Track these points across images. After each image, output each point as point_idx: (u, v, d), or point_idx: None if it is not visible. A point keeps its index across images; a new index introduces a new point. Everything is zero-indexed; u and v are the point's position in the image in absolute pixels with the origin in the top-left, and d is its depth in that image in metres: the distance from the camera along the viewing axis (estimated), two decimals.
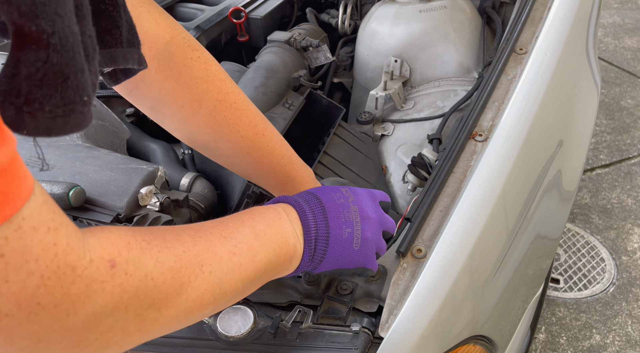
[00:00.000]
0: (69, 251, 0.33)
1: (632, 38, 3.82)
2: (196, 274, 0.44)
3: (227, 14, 1.55)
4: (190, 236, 0.46)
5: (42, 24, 0.30)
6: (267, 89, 1.21)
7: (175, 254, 0.43)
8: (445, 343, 0.73)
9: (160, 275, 0.40)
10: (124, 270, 0.37)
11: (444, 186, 0.85)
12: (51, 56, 0.31)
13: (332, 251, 0.61)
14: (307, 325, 0.70)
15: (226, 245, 0.49)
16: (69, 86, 0.33)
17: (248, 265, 0.51)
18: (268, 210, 0.59)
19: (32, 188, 0.32)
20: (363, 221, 0.64)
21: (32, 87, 0.31)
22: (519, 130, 0.93)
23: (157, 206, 0.83)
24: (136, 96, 0.65)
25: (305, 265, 0.61)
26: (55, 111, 0.33)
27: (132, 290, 0.38)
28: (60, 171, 0.83)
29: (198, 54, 0.65)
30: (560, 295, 2.00)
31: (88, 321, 0.35)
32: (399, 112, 1.44)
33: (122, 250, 0.38)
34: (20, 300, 0.31)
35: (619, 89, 3.23)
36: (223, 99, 0.66)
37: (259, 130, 0.69)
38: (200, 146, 0.70)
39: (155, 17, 0.61)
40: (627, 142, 2.78)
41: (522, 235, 0.86)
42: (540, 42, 1.10)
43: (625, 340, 1.84)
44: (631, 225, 2.28)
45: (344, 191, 0.66)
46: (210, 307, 0.47)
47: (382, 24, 1.53)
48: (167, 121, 0.68)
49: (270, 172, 0.72)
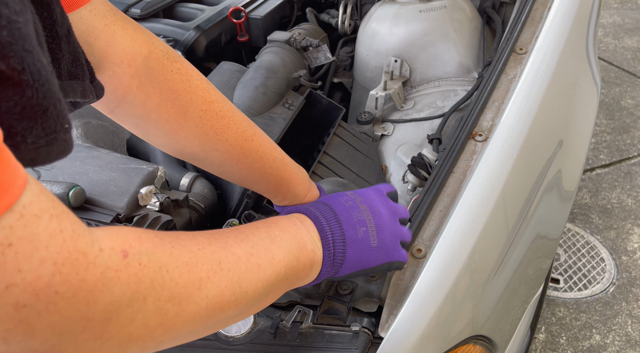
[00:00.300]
0: (76, 237, 0.33)
1: (632, 38, 3.82)
2: (215, 271, 0.44)
3: (227, 14, 1.55)
4: (205, 237, 0.46)
5: (11, 62, 0.30)
6: (267, 89, 1.21)
7: (190, 250, 0.42)
8: (445, 343, 0.73)
9: (175, 269, 0.40)
10: (137, 260, 0.37)
11: (444, 186, 0.85)
12: (26, 91, 0.31)
13: (351, 251, 0.61)
14: (307, 325, 0.70)
15: (243, 246, 0.49)
16: (48, 116, 0.33)
17: (267, 267, 0.50)
18: (282, 219, 0.59)
19: (26, 178, 0.31)
20: (375, 217, 0.64)
21: (12, 120, 0.31)
22: (519, 130, 0.93)
23: (157, 206, 0.83)
24: (119, 115, 0.64)
25: (326, 270, 0.61)
26: (38, 142, 0.33)
27: (147, 281, 0.37)
28: (60, 171, 0.83)
29: (178, 65, 0.64)
30: (560, 295, 2.00)
31: (108, 310, 0.34)
32: (399, 112, 1.44)
33: (133, 242, 0.37)
34: (37, 289, 0.30)
35: (619, 89, 3.23)
36: (208, 108, 0.65)
37: (247, 136, 0.69)
38: (190, 157, 0.69)
39: (131, 34, 0.60)
40: (627, 142, 2.78)
41: (522, 235, 0.86)
42: (540, 42, 1.10)
43: (625, 340, 1.84)
44: (631, 224, 2.28)
45: (350, 195, 0.67)
46: (232, 308, 0.46)
47: (382, 24, 1.53)
48: (153, 137, 0.67)
49: (263, 176, 0.72)
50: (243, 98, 1.19)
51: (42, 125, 0.33)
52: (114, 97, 0.60)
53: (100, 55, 0.57)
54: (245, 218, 0.90)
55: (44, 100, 0.32)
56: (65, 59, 0.47)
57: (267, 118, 1.17)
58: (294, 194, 0.75)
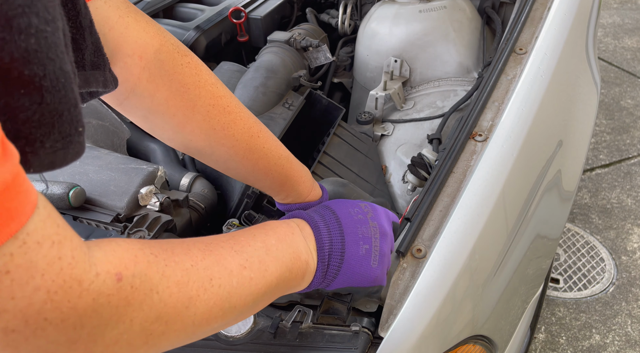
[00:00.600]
0: (75, 264, 0.33)
1: (631, 38, 3.82)
2: (205, 288, 0.44)
3: (227, 14, 1.55)
4: (200, 250, 0.46)
5: (34, 68, 0.31)
6: (267, 89, 1.21)
7: (182, 268, 0.43)
8: (445, 343, 0.73)
9: (166, 289, 0.40)
10: (129, 283, 0.37)
11: (444, 186, 0.85)
12: (45, 96, 0.32)
13: (348, 267, 0.61)
14: (307, 325, 0.70)
15: (237, 258, 0.49)
16: (64, 120, 0.34)
17: (259, 280, 0.50)
18: (281, 225, 0.59)
19: (36, 203, 0.32)
20: (382, 237, 0.64)
21: (31, 129, 0.32)
22: (518, 130, 0.93)
23: (157, 206, 0.83)
24: (127, 107, 0.64)
25: (317, 281, 0.61)
26: (55, 145, 0.34)
27: (136, 304, 0.38)
28: (61, 171, 0.83)
29: (188, 59, 0.64)
30: (560, 295, 2.00)
31: (94, 333, 0.35)
32: (399, 112, 1.44)
33: (128, 263, 0.38)
34: (27, 316, 0.31)
35: (618, 89, 3.23)
36: (216, 103, 0.66)
37: (253, 132, 0.69)
38: (195, 152, 0.69)
39: (143, 26, 0.61)
40: (627, 142, 2.78)
41: (522, 235, 0.86)
42: (540, 42, 1.11)
43: (625, 340, 1.84)
44: (631, 224, 2.28)
45: (363, 207, 0.66)
46: (219, 321, 0.47)
47: (382, 24, 1.53)
48: (160, 130, 0.67)
49: (267, 173, 0.72)
50: (243, 98, 1.19)
51: (58, 129, 0.34)
52: (123, 89, 0.61)
53: (113, 46, 0.58)
54: (246, 218, 0.90)
55: (59, 105, 0.33)
56: (88, 50, 0.48)
57: (267, 118, 1.18)
58: (297, 193, 0.75)
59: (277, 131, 1.15)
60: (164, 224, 0.81)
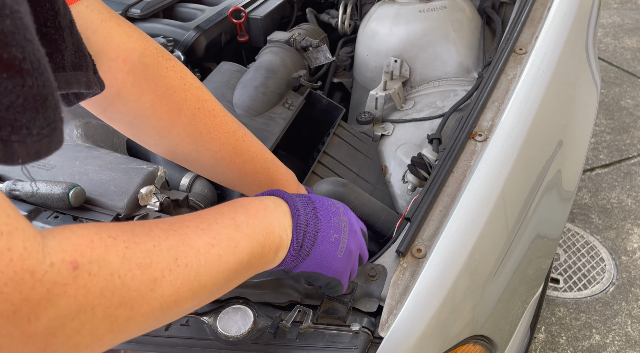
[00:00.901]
0: (26, 255, 0.32)
1: (631, 38, 3.82)
2: (170, 268, 0.42)
3: (227, 14, 1.55)
4: (163, 230, 0.45)
5: (13, 51, 0.30)
6: (267, 89, 1.21)
7: (144, 249, 0.41)
8: (445, 343, 0.73)
9: (128, 272, 0.39)
10: (87, 270, 0.36)
11: (444, 186, 0.85)
12: (26, 79, 0.31)
13: (318, 251, 0.60)
14: (307, 324, 0.70)
15: (203, 237, 0.48)
16: (48, 105, 0.33)
17: (229, 257, 0.49)
18: (253, 201, 0.58)
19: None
20: (350, 233, 0.64)
21: (15, 114, 0.31)
22: (518, 130, 0.93)
23: (157, 206, 0.83)
24: (112, 113, 0.63)
25: (290, 258, 0.59)
26: (42, 132, 0.33)
27: (97, 290, 0.36)
28: (60, 171, 0.83)
29: (172, 63, 0.64)
30: (560, 295, 2.00)
31: (52, 326, 0.34)
32: (399, 112, 1.44)
33: (84, 250, 0.36)
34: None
35: (618, 89, 3.23)
36: (201, 106, 0.65)
37: (239, 136, 0.69)
38: (181, 158, 0.69)
39: (126, 30, 0.60)
40: (627, 142, 2.78)
41: (522, 235, 0.86)
42: (540, 42, 1.11)
43: (625, 340, 1.84)
44: (631, 224, 2.28)
45: (336, 203, 0.66)
46: (189, 301, 0.45)
47: (382, 24, 1.53)
48: (146, 136, 0.67)
49: (254, 178, 0.71)
50: (243, 98, 1.19)
51: (43, 115, 0.33)
52: (108, 94, 0.60)
53: (97, 50, 0.57)
54: None
55: (43, 88, 0.33)
56: (68, 50, 0.47)
57: (267, 118, 1.18)
58: None
59: (277, 131, 1.15)
60: None
